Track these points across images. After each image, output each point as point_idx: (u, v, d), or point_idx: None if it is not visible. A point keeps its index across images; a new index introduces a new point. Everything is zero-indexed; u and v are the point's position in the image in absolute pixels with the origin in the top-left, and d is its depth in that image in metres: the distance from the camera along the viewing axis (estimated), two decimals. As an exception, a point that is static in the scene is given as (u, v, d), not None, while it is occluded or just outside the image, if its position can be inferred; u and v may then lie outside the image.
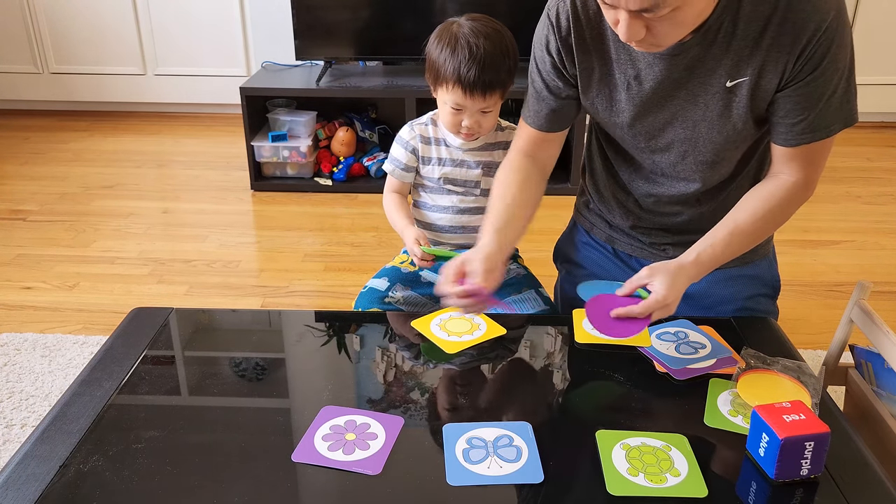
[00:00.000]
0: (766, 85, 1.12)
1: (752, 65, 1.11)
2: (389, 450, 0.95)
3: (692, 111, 1.18)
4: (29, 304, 2.24)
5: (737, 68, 1.12)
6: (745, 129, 1.18)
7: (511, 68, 1.36)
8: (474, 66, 1.30)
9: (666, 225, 1.37)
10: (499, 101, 1.38)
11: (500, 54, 1.33)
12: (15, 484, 0.89)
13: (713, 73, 1.13)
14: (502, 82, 1.35)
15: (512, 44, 1.36)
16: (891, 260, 2.50)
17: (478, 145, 1.45)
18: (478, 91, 1.32)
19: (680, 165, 1.25)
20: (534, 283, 1.47)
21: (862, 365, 1.32)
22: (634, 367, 1.14)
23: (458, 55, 1.31)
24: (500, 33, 1.35)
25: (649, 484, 0.89)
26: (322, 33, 3.09)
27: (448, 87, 1.34)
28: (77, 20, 3.66)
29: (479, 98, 1.33)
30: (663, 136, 1.22)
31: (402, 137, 1.47)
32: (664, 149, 1.24)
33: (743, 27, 1.08)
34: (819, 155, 1.17)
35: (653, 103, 1.19)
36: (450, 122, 1.39)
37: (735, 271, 1.35)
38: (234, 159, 3.32)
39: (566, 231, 1.56)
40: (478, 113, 1.37)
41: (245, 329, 1.30)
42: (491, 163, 1.45)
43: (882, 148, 3.46)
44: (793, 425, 0.88)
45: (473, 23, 1.34)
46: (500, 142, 1.45)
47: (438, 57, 1.33)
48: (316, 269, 2.44)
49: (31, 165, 3.30)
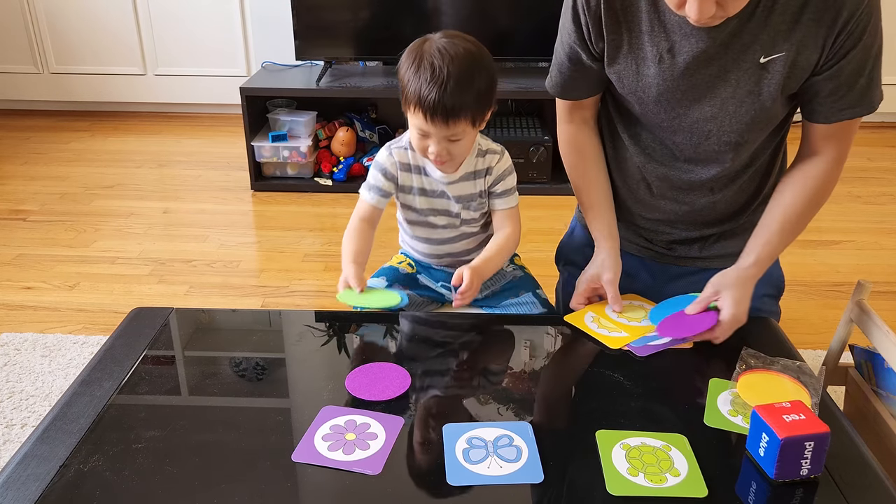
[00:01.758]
0: (804, 62, 1.12)
1: (791, 40, 1.10)
2: (389, 450, 0.95)
3: (721, 87, 1.17)
4: (29, 304, 2.24)
5: (772, 44, 1.11)
6: (773, 107, 1.18)
7: (483, 93, 1.21)
8: (435, 90, 1.16)
9: (672, 217, 1.35)
10: (469, 129, 1.23)
11: (469, 78, 1.18)
12: (15, 484, 0.89)
13: (748, 49, 1.12)
14: (469, 108, 1.20)
15: (486, 67, 1.22)
16: (891, 260, 2.49)
17: (457, 177, 1.32)
18: (439, 117, 1.19)
19: (702, 146, 1.24)
20: (532, 286, 1.46)
21: (862, 365, 1.32)
22: (634, 366, 1.14)
23: (420, 76, 1.18)
24: (471, 55, 1.20)
25: (649, 484, 0.89)
26: (322, 33, 3.09)
27: (411, 109, 1.22)
28: (77, 20, 3.66)
29: (441, 125, 1.20)
30: (689, 112, 1.21)
31: (379, 162, 1.35)
32: (688, 127, 1.22)
33: (783, 2, 1.08)
34: (852, 131, 1.20)
35: (683, 78, 1.17)
36: (417, 147, 1.28)
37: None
38: (234, 159, 3.32)
39: (568, 233, 1.55)
40: (444, 140, 1.23)
41: (245, 329, 1.30)
42: (472, 196, 1.34)
43: (882, 148, 3.46)
44: (793, 425, 0.88)
45: (445, 41, 1.20)
46: (480, 170, 1.33)
47: (404, 75, 1.22)
48: (316, 269, 2.44)
49: (31, 165, 3.30)
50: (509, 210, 1.37)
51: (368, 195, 1.35)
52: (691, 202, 1.32)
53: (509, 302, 1.43)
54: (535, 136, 2.97)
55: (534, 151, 2.91)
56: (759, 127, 1.21)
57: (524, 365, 1.16)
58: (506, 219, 1.37)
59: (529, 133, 3.00)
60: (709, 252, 1.38)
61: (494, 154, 1.34)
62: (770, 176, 1.34)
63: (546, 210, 2.66)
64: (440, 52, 1.18)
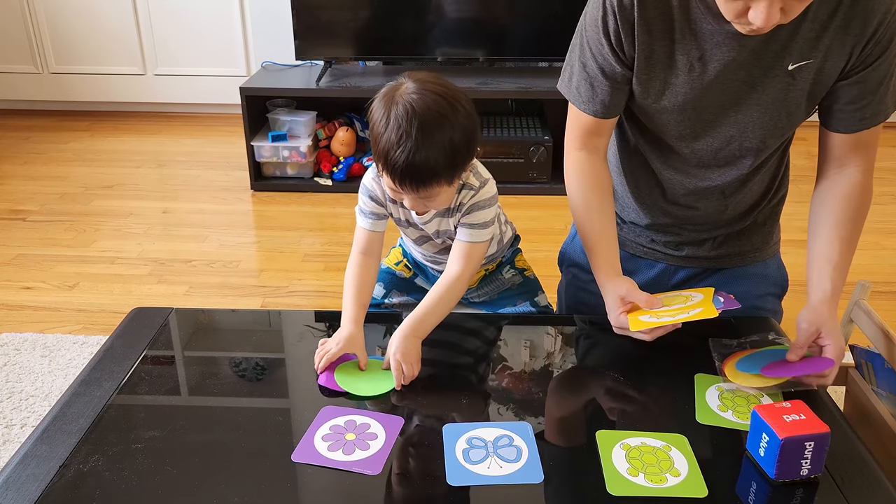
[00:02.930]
0: (830, 69, 1.12)
1: (819, 48, 1.10)
2: (389, 450, 0.95)
3: (748, 94, 1.16)
4: (29, 304, 2.24)
5: (801, 51, 1.11)
6: (796, 114, 1.18)
7: (457, 151, 1.09)
8: (402, 156, 1.05)
9: (684, 220, 1.35)
10: (445, 188, 1.12)
11: (439, 139, 1.06)
12: (15, 484, 0.89)
13: (778, 56, 1.12)
14: (441, 171, 1.08)
15: (460, 119, 1.08)
16: (891, 260, 2.50)
17: (429, 217, 1.23)
18: (408, 184, 1.08)
19: (722, 152, 1.23)
20: (530, 293, 1.44)
21: (862, 365, 1.32)
22: (635, 367, 1.14)
23: (387, 135, 1.06)
24: (440, 110, 1.07)
25: (649, 484, 0.89)
26: (322, 33, 3.09)
27: (379, 166, 1.12)
28: (77, 20, 3.66)
29: (410, 191, 1.10)
30: (714, 119, 1.20)
31: (364, 185, 1.26)
32: (710, 134, 1.22)
33: (814, 8, 1.07)
34: (877, 137, 1.20)
35: (712, 86, 1.16)
36: (393, 197, 1.19)
37: (746, 269, 1.36)
38: (234, 159, 3.32)
39: (571, 234, 1.53)
40: (419, 199, 1.13)
41: (245, 329, 1.30)
42: (448, 232, 1.25)
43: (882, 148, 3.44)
44: (793, 425, 0.88)
45: (415, 95, 1.07)
46: (455, 206, 1.21)
47: (374, 126, 1.10)
48: (316, 269, 2.44)
49: (31, 165, 3.30)
50: (469, 245, 1.21)
51: (364, 221, 1.26)
52: (703, 206, 1.32)
53: (506, 311, 1.42)
54: (535, 136, 2.97)
55: (534, 151, 2.91)
56: (780, 133, 1.21)
57: (524, 365, 1.16)
58: (462, 254, 1.21)
59: (529, 133, 3.00)
60: (717, 251, 1.38)
61: (470, 190, 1.20)
62: (778, 175, 1.34)
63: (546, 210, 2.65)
64: (406, 109, 1.06)
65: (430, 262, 1.39)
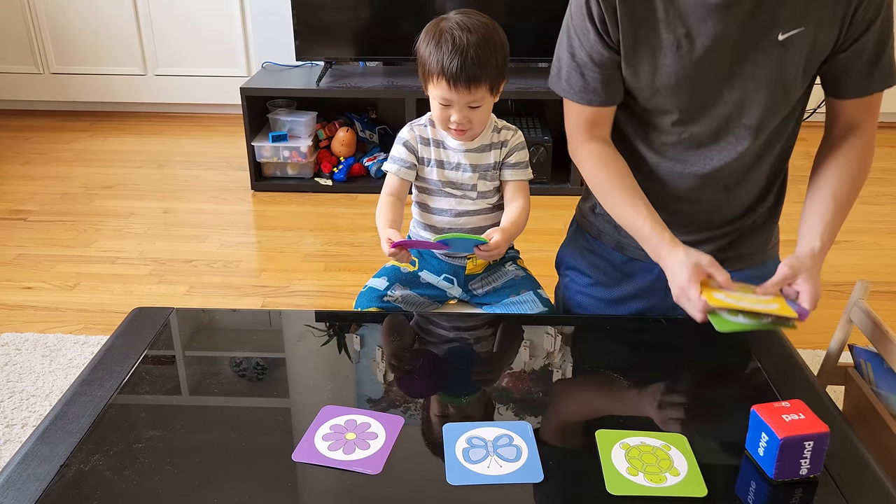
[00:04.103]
0: (824, 38, 1.13)
1: (808, 17, 1.11)
2: (389, 450, 0.95)
3: (741, 69, 1.16)
4: (29, 303, 2.24)
5: (790, 20, 1.11)
6: (793, 87, 1.19)
7: (500, 63, 1.31)
8: (457, 58, 1.26)
9: (685, 219, 1.33)
10: (488, 97, 1.33)
11: (487, 47, 1.28)
12: (15, 484, 0.89)
13: (766, 27, 1.12)
14: (489, 75, 1.29)
15: (501, 38, 1.32)
16: (891, 260, 2.50)
17: (474, 146, 1.40)
18: (461, 83, 1.28)
19: (721, 132, 1.23)
20: (532, 285, 1.47)
21: (861, 365, 1.32)
22: (635, 366, 1.14)
23: (441, 48, 1.27)
24: (487, 27, 1.30)
25: (649, 483, 0.89)
26: (322, 34, 3.09)
27: (434, 80, 1.30)
28: (77, 20, 3.66)
29: (464, 91, 1.29)
30: (709, 98, 1.20)
31: (401, 137, 1.43)
32: (707, 115, 1.22)
33: None
34: (879, 101, 1.23)
35: (703, 62, 1.16)
36: (439, 118, 1.36)
37: (748, 272, 1.34)
38: (234, 159, 3.32)
39: (568, 237, 1.53)
40: (466, 108, 1.32)
41: (245, 329, 1.30)
42: (487, 166, 1.41)
43: (882, 148, 3.44)
44: (792, 425, 0.88)
45: (461, 17, 1.30)
46: (496, 142, 1.41)
47: (424, 51, 1.30)
48: (316, 269, 2.44)
49: (31, 165, 3.30)
50: (521, 182, 1.44)
51: (392, 167, 1.42)
52: (705, 199, 1.31)
53: (510, 300, 1.44)
54: (535, 136, 2.97)
55: (534, 151, 2.91)
56: (779, 109, 1.21)
57: (524, 365, 1.17)
58: (518, 191, 1.43)
59: (530, 133, 3.00)
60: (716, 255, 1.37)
61: (509, 130, 1.43)
62: (779, 175, 1.34)
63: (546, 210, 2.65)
64: (458, 25, 1.28)
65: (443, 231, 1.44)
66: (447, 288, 1.47)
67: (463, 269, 1.46)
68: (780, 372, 1.11)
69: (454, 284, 1.47)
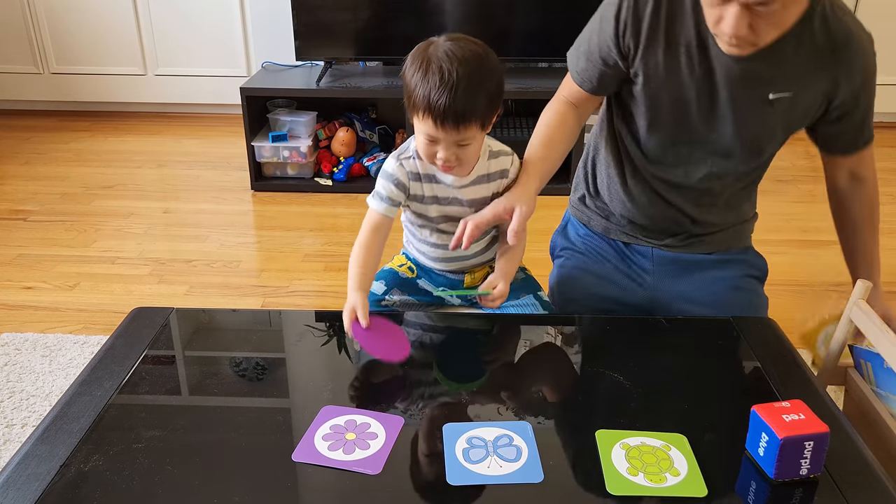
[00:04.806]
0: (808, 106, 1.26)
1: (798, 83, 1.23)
2: (389, 450, 0.95)
3: (729, 113, 1.27)
4: (29, 304, 2.24)
5: (782, 83, 1.23)
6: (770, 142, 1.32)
7: (492, 95, 1.20)
8: (445, 94, 1.14)
9: (667, 223, 1.42)
10: (479, 133, 1.22)
11: (478, 82, 1.16)
12: (15, 484, 0.89)
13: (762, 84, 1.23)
14: (479, 114, 1.18)
15: (492, 69, 1.19)
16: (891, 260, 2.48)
17: (469, 180, 1.30)
18: (449, 122, 1.16)
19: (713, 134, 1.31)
20: (532, 288, 1.45)
21: (861, 365, 1.32)
22: (634, 366, 1.14)
23: (428, 80, 1.16)
24: (479, 57, 1.18)
25: (649, 483, 0.89)
26: (322, 34, 3.09)
27: (419, 115, 1.19)
28: (77, 20, 3.66)
29: (451, 130, 1.18)
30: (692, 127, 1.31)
31: (389, 173, 1.29)
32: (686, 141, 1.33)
33: (807, 46, 1.20)
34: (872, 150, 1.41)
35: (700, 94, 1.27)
36: (425, 154, 1.24)
37: (725, 255, 1.44)
38: (234, 159, 3.32)
39: (560, 227, 1.60)
40: (453, 145, 1.20)
41: (245, 329, 1.30)
42: (484, 199, 1.31)
43: (882, 148, 3.44)
44: (792, 425, 0.88)
45: (451, 44, 1.18)
46: (493, 172, 1.31)
47: (411, 80, 1.20)
48: (316, 269, 2.44)
49: (31, 165, 3.30)
50: None
51: (379, 205, 1.29)
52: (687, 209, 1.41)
53: (509, 303, 1.43)
54: (535, 136, 2.97)
55: (534, 151, 2.91)
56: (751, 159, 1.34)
57: (524, 365, 1.16)
58: None
59: (529, 133, 2.98)
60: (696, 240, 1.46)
61: (507, 156, 1.33)
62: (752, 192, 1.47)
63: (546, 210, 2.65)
64: (448, 55, 1.16)
65: (440, 259, 1.40)
66: (446, 297, 1.45)
67: (461, 283, 1.44)
68: (780, 372, 1.11)
69: (453, 296, 1.45)
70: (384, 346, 1.13)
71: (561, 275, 1.49)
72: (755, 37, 1.12)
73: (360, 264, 1.25)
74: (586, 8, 1.41)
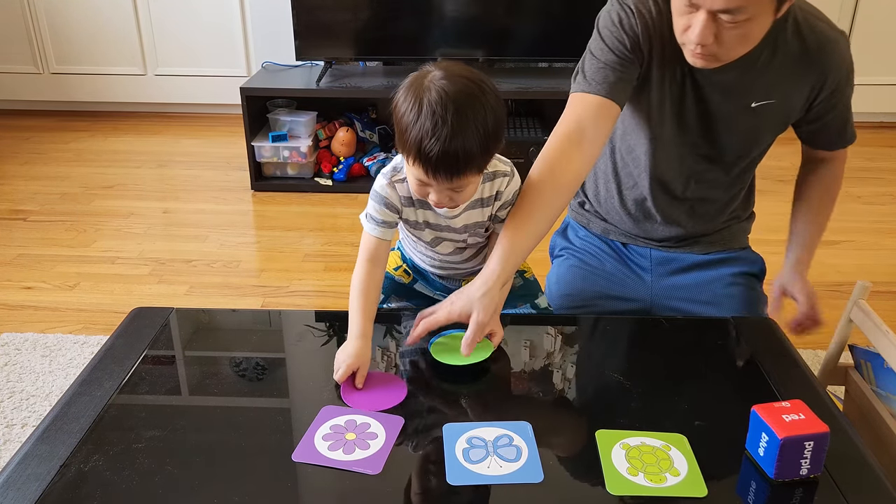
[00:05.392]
0: (792, 108, 1.29)
1: (779, 91, 1.26)
2: (389, 450, 0.95)
3: (713, 122, 1.30)
4: (29, 304, 2.24)
5: (764, 92, 1.26)
6: (756, 144, 1.35)
7: (489, 138, 1.07)
8: (438, 144, 1.02)
9: (663, 230, 1.44)
10: (475, 178, 1.12)
11: (473, 127, 1.04)
12: (15, 484, 0.89)
13: (745, 93, 1.26)
14: (474, 161, 1.07)
15: (491, 105, 1.07)
16: (891, 260, 2.49)
17: (460, 210, 1.21)
18: (441, 173, 1.06)
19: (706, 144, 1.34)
20: (531, 295, 1.43)
21: (861, 365, 1.32)
22: (634, 366, 1.14)
23: (420, 124, 1.03)
24: (474, 96, 1.05)
25: (649, 483, 0.89)
26: (322, 34, 3.09)
27: (410, 160, 1.08)
28: (77, 20, 3.66)
29: (444, 180, 1.07)
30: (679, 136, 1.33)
31: (380, 194, 1.20)
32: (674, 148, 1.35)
33: (781, 56, 1.23)
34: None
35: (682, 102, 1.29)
36: (416, 194, 1.16)
37: (723, 254, 1.45)
38: (234, 159, 3.32)
39: (560, 229, 1.61)
40: (447, 190, 1.10)
41: (245, 329, 1.30)
42: (478, 224, 1.24)
43: (882, 148, 3.46)
44: (792, 425, 0.88)
45: (445, 81, 1.05)
46: (487, 197, 1.20)
47: (402, 117, 1.06)
48: (316, 269, 2.44)
49: (31, 165, 3.30)
50: None
51: (375, 229, 1.22)
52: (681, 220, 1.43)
53: (506, 312, 1.41)
54: (535, 136, 2.97)
55: (534, 152, 2.91)
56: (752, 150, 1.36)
57: (524, 365, 1.16)
58: None
59: (529, 133, 3.00)
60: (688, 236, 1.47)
61: (504, 177, 1.21)
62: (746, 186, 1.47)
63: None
64: (440, 95, 1.03)
65: (435, 266, 1.37)
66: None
67: (458, 288, 1.42)
68: (780, 372, 1.11)
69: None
70: (378, 399, 1.05)
71: (559, 274, 1.49)
72: (720, 49, 1.13)
73: (361, 306, 1.17)
74: (586, 8, 1.41)
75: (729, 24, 1.09)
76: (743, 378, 1.16)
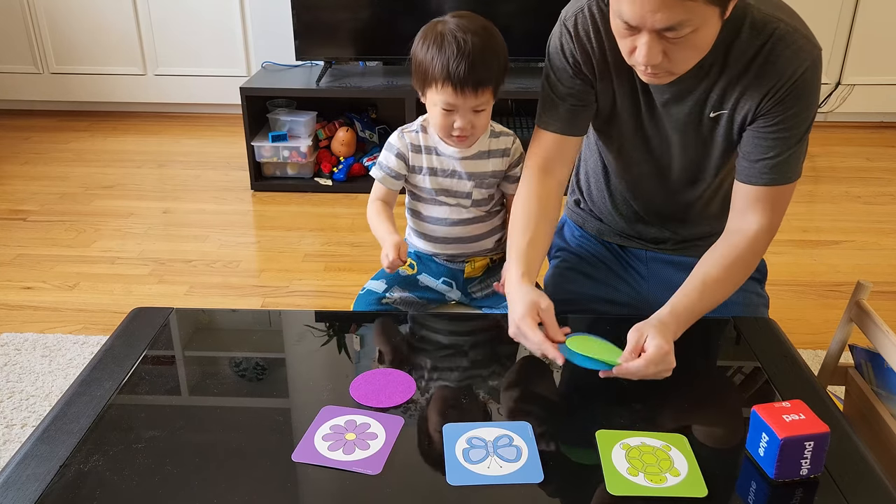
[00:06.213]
0: (743, 118, 1.17)
1: (734, 97, 1.16)
2: (389, 450, 0.95)
3: (674, 135, 1.25)
4: (29, 304, 2.24)
5: (719, 102, 1.18)
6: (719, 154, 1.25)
7: (502, 64, 1.29)
8: (464, 62, 1.23)
9: (656, 234, 1.43)
10: (491, 100, 1.31)
11: (490, 49, 1.26)
12: (15, 484, 0.89)
13: (699, 103, 1.19)
14: (494, 78, 1.28)
15: (500, 40, 1.30)
16: (891, 260, 2.50)
17: (471, 153, 1.37)
18: (469, 87, 1.25)
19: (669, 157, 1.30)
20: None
21: (862, 365, 1.32)
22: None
23: (445, 52, 1.24)
24: (487, 30, 1.28)
25: (649, 484, 0.89)
26: (322, 33, 3.09)
27: (438, 86, 1.26)
28: (77, 20, 3.66)
29: (470, 95, 1.26)
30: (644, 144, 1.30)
31: (391, 144, 1.40)
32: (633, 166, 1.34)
33: (732, 62, 1.13)
34: (781, 201, 1.19)
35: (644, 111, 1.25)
36: (441, 125, 1.31)
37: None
38: (234, 159, 3.32)
39: (558, 228, 1.59)
40: (470, 112, 1.29)
41: (245, 329, 1.30)
42: (483, 174, 1.38)
43: (882, 148, 3.46)
44: (792, 425, 0.88)
45: (459, 20, 1.27)
46: (493, 150, 1.39)
47: (425, 56, 1.27)
48: (316, 269, 2.44)
49: (31, 165, 3.30)
50: None
51: (380, 174, 1.40)
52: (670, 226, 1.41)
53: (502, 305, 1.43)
54: (534, 136, 2.97)
55: (534, 151, 2.92)
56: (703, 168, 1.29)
57: (524, 365, 1.16)
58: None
59: (529, 133, 2.99)
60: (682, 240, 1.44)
61: (508, 136, 1.41)
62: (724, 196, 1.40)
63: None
64: (459, 28, 1.25)
65: (440, 243, 1.43)
66: (446, 291, 1.46)
67: (462, 273, 1.46)
68: (780, 372, 1.11)
69: (453, 287, 1.47)
70: (386, 396, 1.06)
71: (555, 275, 1.49)
72: (671, 64, 1.07)
73: (382, 220, 1.37)
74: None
75: (675, 39, 1.02)
76: (743, 378, 1.16)
